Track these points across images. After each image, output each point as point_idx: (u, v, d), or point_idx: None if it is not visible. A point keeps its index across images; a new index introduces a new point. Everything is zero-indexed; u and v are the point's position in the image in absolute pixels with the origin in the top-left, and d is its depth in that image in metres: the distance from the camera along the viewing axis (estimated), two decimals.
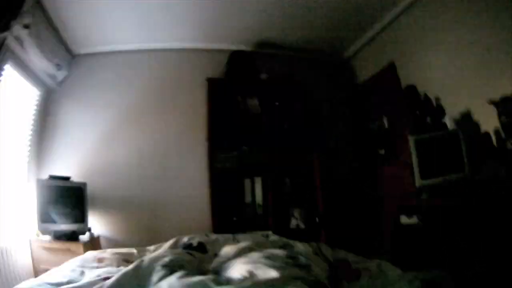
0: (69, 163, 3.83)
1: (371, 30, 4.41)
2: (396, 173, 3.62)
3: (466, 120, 3.16)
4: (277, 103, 4.25)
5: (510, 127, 2.73)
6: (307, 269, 1.63)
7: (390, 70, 4.10)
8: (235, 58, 4.22)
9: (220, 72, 4.33)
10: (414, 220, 3.05)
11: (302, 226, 3.92)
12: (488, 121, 2.93)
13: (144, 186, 3.97)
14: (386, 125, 3.96)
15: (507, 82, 2.77)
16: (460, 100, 3.27)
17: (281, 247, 2.16)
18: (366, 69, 4.66)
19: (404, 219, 3.15)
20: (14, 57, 3.21)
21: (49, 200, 3.29)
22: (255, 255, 1.80)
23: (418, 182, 2.98)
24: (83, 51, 4.20)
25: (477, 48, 3.09)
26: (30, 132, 3.73)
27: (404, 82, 3.89)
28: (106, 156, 3.97)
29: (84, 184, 3.59)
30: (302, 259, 1.77)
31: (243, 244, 2.15)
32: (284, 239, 2.48)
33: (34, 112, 3.79)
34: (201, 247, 2.38)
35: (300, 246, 2.21)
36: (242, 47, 4.44)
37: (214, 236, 2.86)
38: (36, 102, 3.82)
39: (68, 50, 4.04)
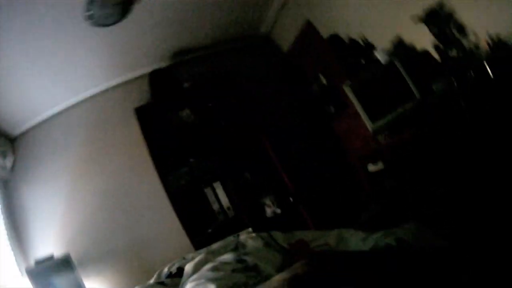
0: (49, 238, 3.77)
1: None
2: (351, 125, 3.49)
3: (400, 47, 3.02)
4: (210, 104, 4.04)
5: (444, 36, 2.63)
6: (255, 270, 1.50)
7: (308, 28, 3.98)
8: (154, 78, 4.02)
9: (146, 98, 4.16)
10: (380, 165, 2.84)
11: (278, 211, 3.76)
12: (423, 39, 2.81)
13: (119, 232, 3.89)
14: (325, 82, 3.76)
15: None
16: (386, 30, 3.14)
17: (233, 249, 1.98)
18: (286, 38, 4.50)
19: (371, 167, 3.01)
20: None
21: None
22: (204, 268, 1.66)
23: (370, 126, 2.82)
24: (18, 131, 4.06)
25: None
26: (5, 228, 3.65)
27: (326, 34, 3.74)
28: (76, 217, 3.88)
29: (68, 256, 3.49)
30: (249, 260, 1.62)
31: (198, 258, 1.96)
32: (243, 238, 2.22)
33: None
34: (180, 272, 2.17)
35: (250, 243, 2.00)
36: (163, 64, 4.28)
37: (190, 256, 2.67)
38: None
39: (6, 136, 3.93)
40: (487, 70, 2.32)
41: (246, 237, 2.20)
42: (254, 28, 4.69)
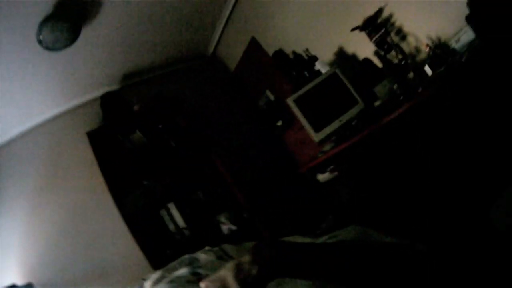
0: (11, 267, 3.58)
1: (219, 19, 4.28)
2: (298, 137, 3.47)
3: (341, 57, 3.11)
4: (160, 126, 3.95)
5: (383, 42, 2.71)
6: None
7: (253, 45, 4.02)
8: (105, 101, 3.92)
9: (97, 122, 4.05)
10: (328, 174, 2.86)
11: (234, 228, 3.67)
12: (364, 48, 2.92)
13: (80, 258, 3.71)
14: (272, 98, 3.75)
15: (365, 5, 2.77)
16: (329, 42, 3.24)
17: (188, 264, 1.98)
18: (233, 56, 4.52)
19: (320, 177, 3.01)
20: None
21: None
22: (161, 283, 1.71)
23: (315, 137, 2.80)
24: None
25: None
26: None
27: (271, 51, 3.79)
28: (36, 244, 3.69)
29: (31, 284, 3.32)
30: (202, 272, 1.69)
31: (155, 275, 1.95)
32: (197, 254, 2.19)
33: None
34: None
35: (203, 257, 2.04)
36: (114, 87, 4.19)
37: (149, 276, 2.55)
38: None
39: None
40: (427, 72, 2.37)
41: (200, 252, 2.20)
42: (201, 48, 4.68)
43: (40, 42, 3.02)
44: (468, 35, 2.29)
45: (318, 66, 3.13)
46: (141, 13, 3.50)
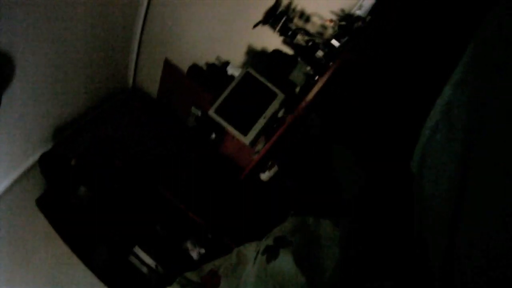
0: None
1: (130, 49, 4.22)
2: (234, 145, 3.43)
3: (253, 54, 3.17)
4: (99, 172, 3.81)
5: (286, 29, 2.76)
6: None
7: (168, 67, 3.95)
8: (43, 164, 3.75)
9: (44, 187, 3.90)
10: (269, 172, 2.94)
11: (203, 251, 3.62)
12: (271, 40, 2.95)
13: None
14: (199, 113, 3.69)
15: None
16: (236, 44, 3.26)
17: None
18: (153, 83, 4.42)
19: (264, 176, 3.04)
20: None
21: None
22: None
23: (245, 140, 2.75)
24: None
25: None
26: None
27: (186, 68, 3.71)
28: None
29: None
30: None
31: None
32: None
33: None
34: None
35: None
36: (48, 146, 3.96)
37: None
38: None
39: None
40: (334, 45, 2.38)
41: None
42: (121, 83, 4.57)
43: None
44: None
45: (230, 70, 3.10)
46: (51, 66, 3.38)
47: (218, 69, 3.31)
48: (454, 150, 1.08)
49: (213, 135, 3.69)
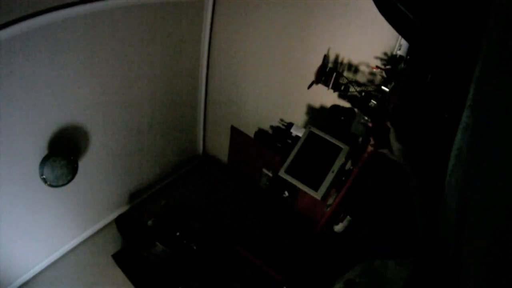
0: None
1: (198, 119, 4.63)
2: (307, 201, 3.49)
3: (313, 113, 3.33)
4: (177, 234, 4.09)
5: (338, 84, 2.89)
6: None
7: (235, 133, 4.19)
8: (120, 224, 4.23)
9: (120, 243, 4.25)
10: (342, 223, 2.95)
11: None
12: (327, 96, 3.13)
13: None
14: (270, 174, 3.84)
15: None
16: (296, 105, 3.39)
17: None
18: (222, 149, 4.72)
19: (337, 228, 3.09)
20: None
21: None
22: None
23: (317, 196, 2.83)
24: None
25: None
26: None
27: (252, 132, 3.95)
28: None
29: None
30: None
31: None
32: None
33: None
34: None
35: None
36: (124, 208, 4.47)
37: None
38: None
39: None
40: (385, 91, 2.45)
41: None
42: (192, 151, 4.97)
43: (44, 180, 3.24)
44: None
45: (294, 131, 3.24)
46: (126, 138, 3.87)
47: (283, 131, 3.46)
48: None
49: (286, 193, 3.79)
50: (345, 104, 3.04)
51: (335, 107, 3.05)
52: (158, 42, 3.50)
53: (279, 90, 3.52)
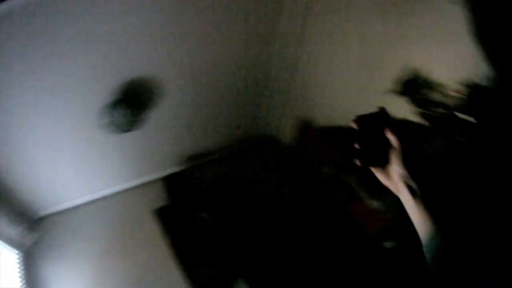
0: None
1: (265, 99, 4.62)
2: (361, 207, 3.45)
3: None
4: (225, 206, 4.29)
5: (418, 100, 2.72)
6: None
7: (304, 121, 4.26)
8: (170, 182, 4.41)
9: (164, 200, 4.45)
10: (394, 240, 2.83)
11: None
12: (401, 108, 2.86)
13: None
14: (330, 171, 3.81)
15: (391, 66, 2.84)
16: (368, 109, 3.23)
17: None
18: (288, 134, 4.74)
19: (387, 244, 2.96)
20: None
21: None
22: None
23: (375, 206, 2.80)
24: (43, 213, 4.31)
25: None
26: None
27: (319, 126, 4.00)
28: None
29: None
30: None
31: None
32: None
33: (18, 272, 3.83)
34: None
35: None
36: (176, 169, 4.63)
37: None
38: (17, 265, 3.86)
39: (31, 214, 4.20)
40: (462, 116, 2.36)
41: None
42: (256, 129, 5.05)
43: (103, 125, 3.42)
44: None
45: None
46: (197, 101, 4.03)
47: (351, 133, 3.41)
48: None
49: (341, 195, 3.76)
50: (419, 121, 2.93)
51: (406, 121, 2.93)
52: (238, 14, 3.57)
53: (353, 91, 3.42)
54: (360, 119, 1.25)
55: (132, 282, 3.99)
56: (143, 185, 4.65)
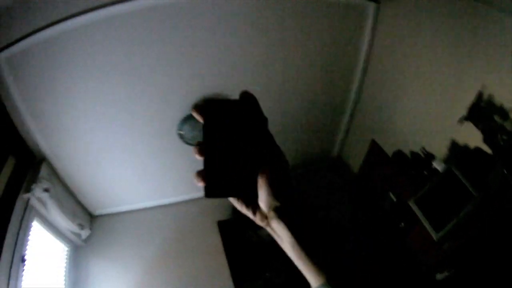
0: None
1: (341, 123, 4.67)
2: (421, 238, 3.31)
3: (456, 150, 3.06)
4: None
5: (490, 128, 2.61)
6: None
7: (374, 148, 4.11)
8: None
9: (228, 214, 4.58)
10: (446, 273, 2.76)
11: None
12: (474, 136, 2.80)
13: None
14: (394, 199, 3.71)
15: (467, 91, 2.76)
16: (442, 137, 3.18)
17: None
18: (355, 159, 4.68)
19: (439, 276, 2.86)
20: (40, 216, 3.61)
21: None
22: None
23: (435, 236, 2.71)
24: (100, 211, 4.62)
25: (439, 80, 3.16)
26: (64, 281, 3.96)
27: (390, 152, 3.85)
28: None
29: None
30: None
31: None
32: None
33: (64, 266, 4.04)
34: None
35: None
36: None
37: None
38: (65, 258, 4.11)
39: (87, 211, 4.51)
40: None
41: None
42: (325, 151, 5.07)
43: (180, 136, 3.57)
44: None
45: (434, 164, 3.10)
46: (270, 121, 3.99)
47: (422, 160, 3.32)
48: None
49: (402, 224, 3.64)
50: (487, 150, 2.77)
51: (478, 150, 2.79)
52: (315, 37, 3.65)
53: (427, 116, 3.35)
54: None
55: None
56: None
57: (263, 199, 0.69)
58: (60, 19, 2.88)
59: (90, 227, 4.45)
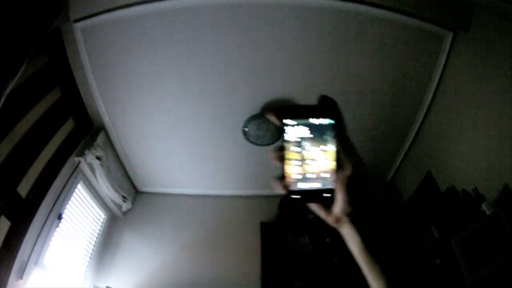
0: (125, 281, 4.03)
1: (403, 147, 4.55)
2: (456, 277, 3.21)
3: (506, 196, 2.93)
4: (327, 239, 4.27)
5: None
6: None
7: (428, 179, 4.05)
8: (284, 203, 4.48)
9: (272, 217, 4.62)
10: None
11: None
12: None
13: None
14: (436, 235, 3.60)
15: None
16: (497, 181, 3.06)
17: None
18: (407, 187, 4.61)
19: None
20: (86, 180, 3.80)
21: None
22: None
23: (471, 279, 2.63)
24: (146, 189, 4.77)
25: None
26: (93, 246, 4.11)
27: (443, 187, 3.75)
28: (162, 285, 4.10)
29: None
30: None
31: None
32: None
33: (99, 231, 4.20)
34: None
35: None
36: None
37: None
38: (101, 224, 4.25)
39: (133, 185, 4.65)
40: None
41: None
42: (379, 174, 4.96)
43: (244, 132, 3.76)
44: None
45: (484, 207, 3.00)
46: None
47: (473, 200, 3.22)
48: None
49: (438, 261, 3.54)
50: None
51: None
52: (391, 56, 3.59)
53: (486, 157, 3.23)
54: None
55: (205, 279, 4.18)
56: (257, 197, 4.83)
57: (340, 204, 0.72)
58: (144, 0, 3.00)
59: (132, 201, 4.60)
